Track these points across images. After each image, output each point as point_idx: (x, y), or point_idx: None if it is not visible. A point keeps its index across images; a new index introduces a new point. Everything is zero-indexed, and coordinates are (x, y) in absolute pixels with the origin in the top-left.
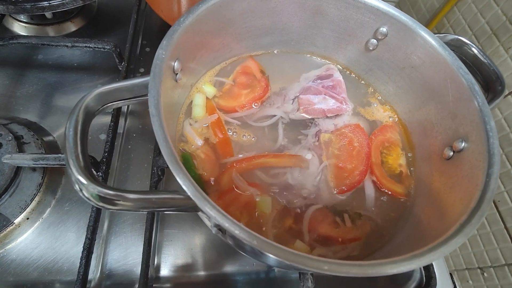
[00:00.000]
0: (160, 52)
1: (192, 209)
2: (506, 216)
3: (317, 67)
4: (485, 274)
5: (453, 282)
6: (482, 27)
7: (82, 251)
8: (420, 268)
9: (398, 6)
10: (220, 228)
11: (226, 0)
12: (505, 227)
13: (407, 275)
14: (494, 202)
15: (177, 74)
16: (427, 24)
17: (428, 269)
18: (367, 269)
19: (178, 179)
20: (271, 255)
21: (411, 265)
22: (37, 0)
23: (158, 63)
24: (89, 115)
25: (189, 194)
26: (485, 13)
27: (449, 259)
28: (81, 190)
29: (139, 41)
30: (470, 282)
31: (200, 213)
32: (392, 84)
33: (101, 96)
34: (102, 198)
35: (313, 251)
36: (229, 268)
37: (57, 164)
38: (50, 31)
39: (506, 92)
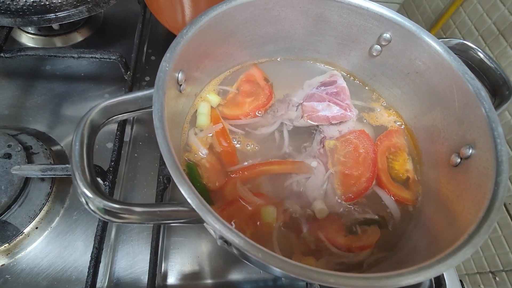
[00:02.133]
0: (164, 64)
1: (196, 221)
2: None
3: (321, 73)
4: (497, 278)
5: None
6: (489, 28)
7: (90, 261)
8: None
9: (403, 7)
10: (225, 240)
11: (228, 11)
12: None
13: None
14: (505, 206)
15: (181, 85)
16: (432, 25)
17: (438, 277)
18: (373, 282)
19: (182, 191)
20: (275, 268)
21: (419, 277)
22: (44, 12)
23: (162, 75)
24: (94, 129)
25: (193, 206)
26: (492, 13)
27: (460, 264)
28: (86, 203)
29: (145, 50)
30: (482, 286)
31: (205, 224)
32: (397, 89)
33: (106, 110)
34: (107, 212)
35: (319, 260)
36: (236, 276)
37: (64, 175)
38: (58, 41)
39: None
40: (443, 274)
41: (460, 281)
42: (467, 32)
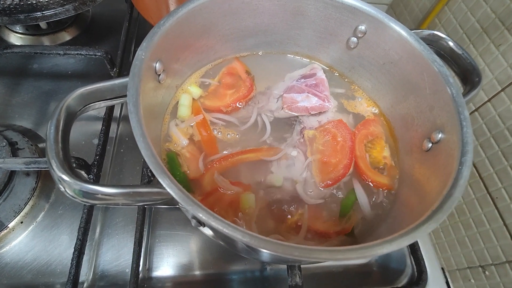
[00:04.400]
0: (140, 53)
1: (172, 202)
2: (505, 212)
3: (302, 66)
4: (486, 272)
5: (445, 277)
6: (473, 26)
7: (73, 252)
8: (412, 263)
9: (391, 7)
10: (199, 220)
11: (206, 3)
12: (504, 224)
13: (399, 271)
14: (492, 199)
15: (159, 75)
16: (420, 24)
17: (419, 264)
18: (336, 254)
19: (152, 169)
20: (241, 239)
21: (383, 250)
22: (31, 11)
23: (138, 63)
24: (71, 115)
25: (164, 185)
26: (475, 11)
27: (451, 259)
28: (64, 188)
29: (132, 48)
30: (472, 281)
31: (181, 207)
32: (374, 80)
33: (83, 96)
34: (85, 194)
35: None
36: (223, 267)
37: (48, 167)
38: (45, 40)
39: (484, 83)
40: (424, 262)
41: (442, 269)
42: (452, 30)
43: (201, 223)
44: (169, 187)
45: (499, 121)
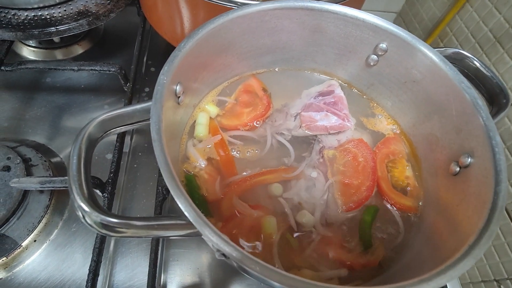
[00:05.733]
0: (162, 78)
1: (195, 234)
2: None
3: (319, 83)
4: (502, 286)
5: None
6: (486, 35)
7: (88, 274)
8: None
9: (400, 16)
10: (223, 253)
11: (226, 24)
12: None
13: None
14: (507, 212)
15: (179, 97)
16: (430, 33)
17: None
18: None
19: (180, 205)
20: (271, 281)
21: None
22: (45, 26)
23: (160, 89)
24: (92, 143)
25: (190, 220)
26: (488, 21)
27: (464, 272)
28: (83, 217)
29: (144, 61)
30: None
31: (203, 237)
32: (394, 98)
33: (104, 123)
34: (104, 226)
35: (318, 272)
36: (237, 287)
37: (63, 187)
38: (58, 54)
39: None
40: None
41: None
42: (464, 39)
43: (226, 256)
44: (197, 222)
45: None
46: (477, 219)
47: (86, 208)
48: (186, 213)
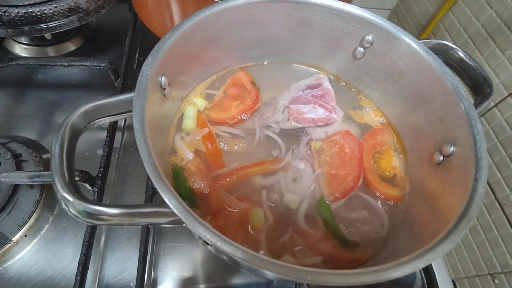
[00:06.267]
0: (145, 68)
1: (177, 222)
2: None
3: (308, 76)
4: (496, 280)
5: None
6: (478, 30)
7: (77, 267)
8: (422, 276)
9: (394, 12)
10: (205, 240)
11: (212, 16)
12: None
13: (409, 284)
14: (500, 206)
15: (164, 89)
16: (423, 29)
17: (430, 277)
18: (350, 278)
19: (159, 190)
20: (250, 265)
21: (397, 273)
22: (36, 22)
23: (143, 79)
24: (75, 133)
25: (170, 206)
26: (480, 16)
27: (458, 265)
28: (67, 207)
29: (136, 57)
30: None
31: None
32: (381, 90)
33: (87, 114)
34: (88, 214)
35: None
36: (228, 280)
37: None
38: (50, 51)
39: (494, 94)
40: (434, 275)
41: (453, 282)
42: (457, 34)
43: (208, 243)
44: (177, 209)
45: (506, 127)
46: (458, 206)
47: (69, 198)
48: (166, 199)
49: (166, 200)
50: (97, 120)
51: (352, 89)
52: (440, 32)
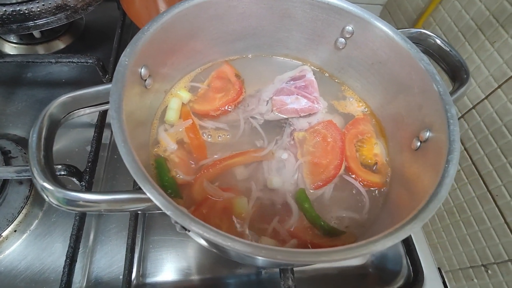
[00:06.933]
0: (123, 59)
1: (154, 207)
2: (505, 210)
3: (292, 68)
4: (489, 271)
5: (442, 276)
6: (467, 23)
7: (65, 260)
8: (408, 264)
9: (385, 8)
10: (182, 225)
11: (191, 8)
12: (505, 222)
13: (395, 272)
14: (492, 197)
15: (145, 80)
16: (414, 24)
17: (415, 264)
18: (319, 256)
19: (132, 174)
20: (224, 244)
21: (366, 250)
22: (23, 20)
23: (121, 69)
24: (54, 123)
25: (144, 190)
26: (469, 9)
27: (453, 258)
28: (47, 196)
29: None
30: (475, 280)
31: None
32: (363, 80)
33: (66, 104)
34: (69, 202)
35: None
36: (218, 272)
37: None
38: (40, 49)
39: (472, 80)
40: (420, 263)
41: (439, 269)
42: (447, 28)
43: (185, 228)
44: (150, 193)
45: (496, 118)
46: (431, 188)
47: (47, 186)
48: (140, 184)
49: (140, 184)
50: (76, 111)
51: (336, 80)
52: (431, 26)
